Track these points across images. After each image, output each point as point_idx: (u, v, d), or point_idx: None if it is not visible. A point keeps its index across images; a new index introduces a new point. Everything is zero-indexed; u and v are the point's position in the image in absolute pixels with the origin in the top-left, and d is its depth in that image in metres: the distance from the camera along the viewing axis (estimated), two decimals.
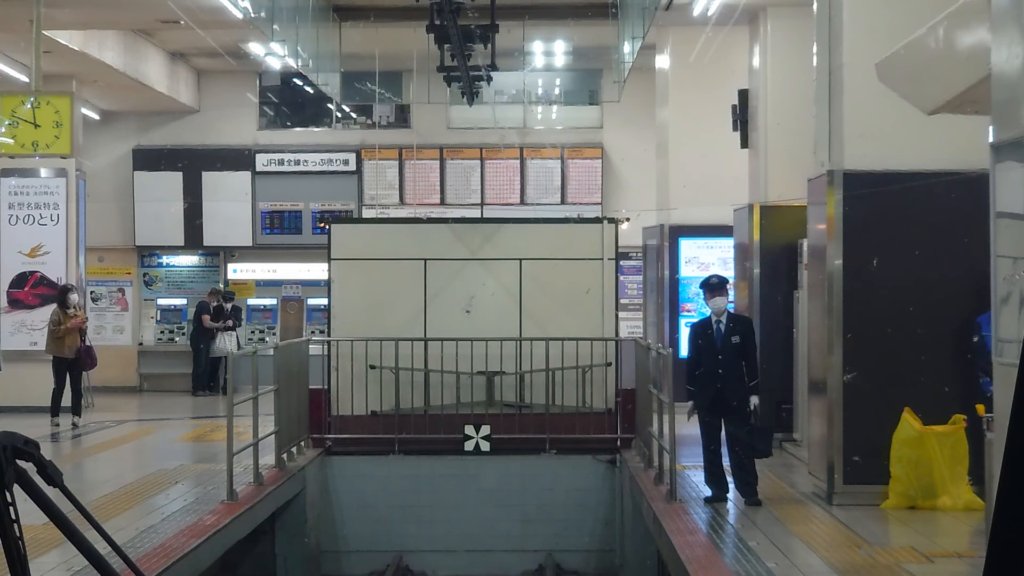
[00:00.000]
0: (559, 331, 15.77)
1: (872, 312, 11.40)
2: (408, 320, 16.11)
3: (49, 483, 2.26)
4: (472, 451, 15.44)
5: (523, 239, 16.40)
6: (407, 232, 16.62)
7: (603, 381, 15.94)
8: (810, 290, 12.38)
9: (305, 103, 26.18)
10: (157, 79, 22.76)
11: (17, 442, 2.18)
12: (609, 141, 24.75)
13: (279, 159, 24.88)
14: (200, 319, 23.75)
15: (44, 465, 2.24)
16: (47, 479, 2.26)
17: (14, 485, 2.20)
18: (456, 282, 16.30)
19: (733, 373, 11.54)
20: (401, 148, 24.58)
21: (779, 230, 15.69)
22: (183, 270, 25.77)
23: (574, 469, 15.58)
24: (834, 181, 11.47)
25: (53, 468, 2.26)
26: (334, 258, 16.27)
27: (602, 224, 16.24)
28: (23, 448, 2.19)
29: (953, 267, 11.23)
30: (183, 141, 25.04)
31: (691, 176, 19.68)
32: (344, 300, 16.28)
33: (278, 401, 14.06)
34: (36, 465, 2.24)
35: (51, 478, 2.26)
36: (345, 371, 15.91)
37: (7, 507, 2.17)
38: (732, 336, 11.59)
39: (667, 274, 20.04)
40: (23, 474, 2.20)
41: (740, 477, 11.61)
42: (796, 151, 15.47)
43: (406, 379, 15.79)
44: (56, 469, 2.27)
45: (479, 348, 15.70)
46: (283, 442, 14.23)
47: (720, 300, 11.66)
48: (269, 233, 25.05)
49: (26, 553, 2.22)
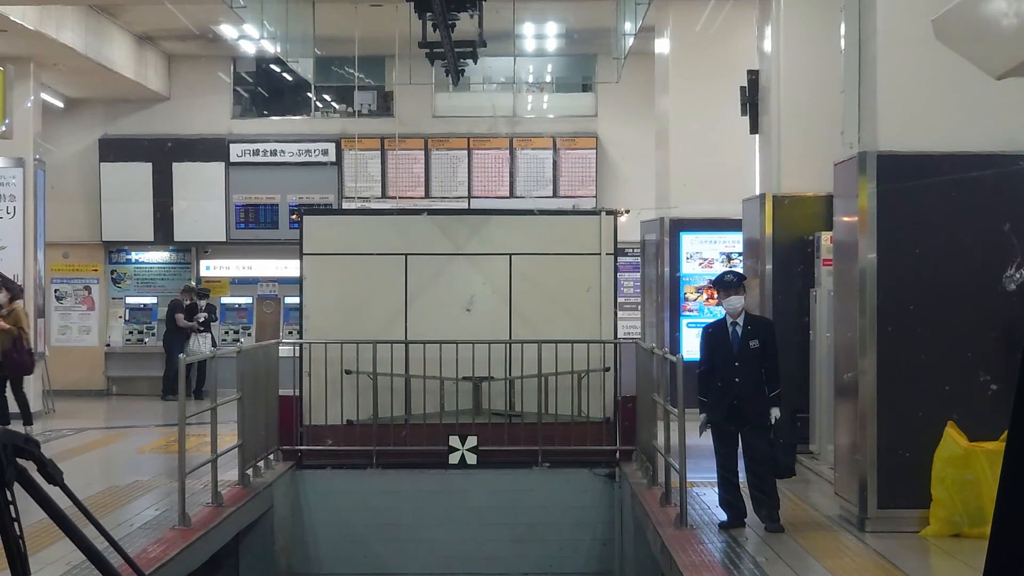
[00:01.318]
0: (553, 333, 14.47)
1: (910, 312, 10.05)
2: (387, 321, 14.79)
3: (50, 481, 2.28)
4: (457, 464, 14.17)
5: (513, 232, 15.05)
6: (387, 225, 15.24)
7: (601, 388, 14.62)
8: (837, 287, 11.02)
9: (282, 90, 24.80)
10: (123, 63, 21.34)
11: (17, 440, 2.21)
12: (604, 130, 23.39)
13: (254, 149, 23.49)
14: (173, 318, 22.35)
15: (44, 463, 2.27)
16: (47, 477, 2.29)
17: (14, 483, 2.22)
18: (440, 279, 14.96)
19: (752, 382, 10.19)
20: (383, 138, 23.18)
21: (794, 222, 14.38)
22: (153, 267, 24.37)
23: (569, 484, 14.32)
24: (866, 165, 10.11)
25: (53, 466, 2.30)
26: (307, 253, 14.94)
27: (600, 216, 14.88)
28: (23, 446, 2.21)
29: (1004, 261, 9.86)
30: (152, 130, 23.64)
31: (693, 167, 18.46)
32: (318, 299, 14.95)
33: (242, 411, 12.74)
34: (36, 463, 2.26)
35: (51, 476, 2.29)
36: (318, 377, 14.59)
37: (7, 505, 2.18)
38: (750, 340, 10.24)
39: (667, 271, 18.74)
40: (23, 472, 2.21)
41: (760, 500, 10.26)
42: (813, 136, 14.20)
43: (385, 385, 14.48)
44: (56, 467, 2.31)
45: (465, 351, 14.39)
46: (248, 456, 12.89)
47: (736, 300, 10.30)
48: (244, 228, 23.67)
49: (26, 551, 2.23)
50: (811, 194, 14.35)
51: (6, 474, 2.19)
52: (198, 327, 22.10)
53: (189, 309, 22.22)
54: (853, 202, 10.36)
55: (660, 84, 19.74)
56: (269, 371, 14.09)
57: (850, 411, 10.54)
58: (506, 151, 23.09)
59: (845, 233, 10.75)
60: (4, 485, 2.19)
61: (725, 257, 18.71)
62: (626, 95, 22.74)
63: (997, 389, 9.82)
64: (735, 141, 18.20)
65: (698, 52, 18.78)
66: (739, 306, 10.29)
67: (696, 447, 11.27)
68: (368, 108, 23.84)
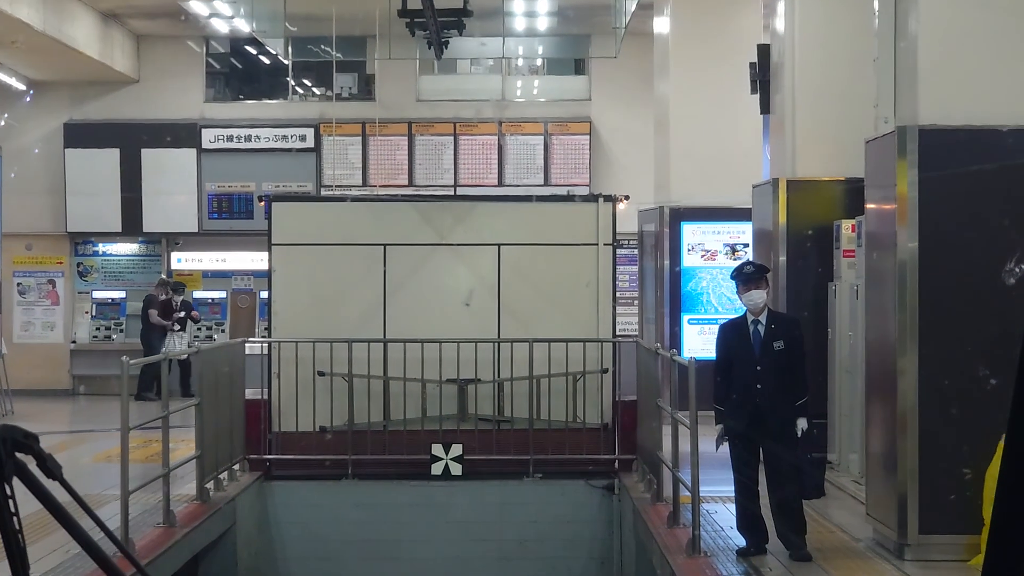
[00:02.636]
0: (545, 331, 13.21)
1: (957, 307, 8.78)
2: (364, 317, 13.52)
3: (49, 476, 2.25)
4: (441, 475, 12.94)
5: (503, 220, 13.75)
6: (364, 213, 13.92)
7: (598, 391, 13.35)
8: (869, 280, 9.74)
9: (257, 73, 23.54)
10: (86, 42, 20.02)
11: (17, 435, 2.19)
12: (598, 115, 22.12)
13: (228, 135, 22.22)
14: (147, 314, 21.01)
15: (43, 458, 2.26)
16: (46, 472, 2.26)
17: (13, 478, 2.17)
18: (422, 272, 13.68)
19: (775, 388, 8.92)
20: (364, 123, 21.90)
21: (810, 210, 13.13)
22: (121, 259, 23.07)
23: (563, 497, 13.09)
24: (906, 141, 8.82)
25: (52, 461, 2.28)
26: (276, 243, 13.65)
27: (597, 203, 13.58)
28: (23, 441, 2.19)
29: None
30: (120, 115, 22.35)
31: (695, 153, 17.28)
32: (288, 293, 13.66)
33: (200, 418, 11.46)
34: (36, 458, 2.23)
35: (51, 471, 2.27)
36: (289, 378, 13.30)
37: (6, 500, 2.16)
38: (774, 341, 8.96)
39: (667, 264, 17.47)
40: (23, 467, 2.18)
41: (784, 523, 8.98)
42: (832, 114, 13.02)
43: (362, 388, 13.21)
44: (55, 462, 2.29)
45: (449, 351, 13.12)
46: (208, 468, 11.61)
47: (758, 295, 9.02)
48: (217, 218, 22.39)
49: (25, 546, 2.23)
50: (829, 178, 13.12)
51: (5, 469, 2.16)
52: (172, 327, 20.79)
53: (164, 305, 20.92)
54: (890, 184, 9.07)
55: (659, 66, 18.51)
56: (233, 373, 12.82)
57: (886, 417, 9.24)
58: (494, 137, 21.85)
59: (880, 220, 9.46)
60: (3, 480, 2.16)
61: (729, 248, 17.48)
62: (622, 77, 21.60)
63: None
64: (741, 125, 17.12)
65: (700, 30, 17.61)
66: (761, 302, 9.01)
67: (705, 453, 10.04)
68: (348, 91, 22.59)
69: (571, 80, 22.91)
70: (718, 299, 17.28)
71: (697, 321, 17.43)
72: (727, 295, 16.62)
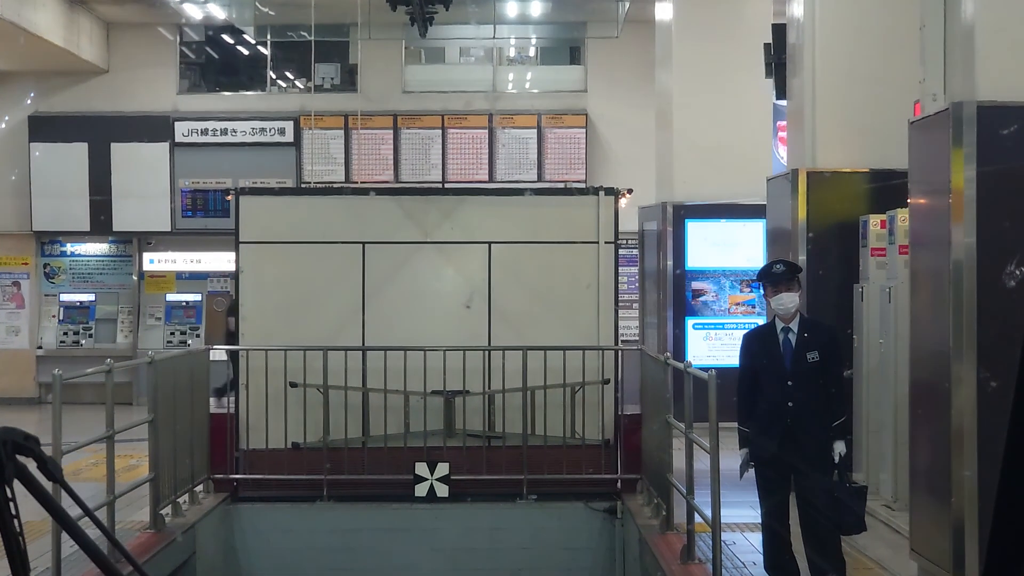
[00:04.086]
0: (540, 337, 12.02)
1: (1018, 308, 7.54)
2: (341, 323, 12.31)
3: (49, 479, 2.24)
4: (425, 497, 11.73)
5: (493, 216, 12.50)
6: (341, 207, 12.65)
7: (598, 404, 12.12)
8: (914, 280, 8.49)
9: (234, 63, 22.29)
10: (50, 29, 18.77)
11: (17, 437, 2.17)
12: (595, 107, 20.89)
13: (202, 128, 21.00)
14: (228, 321, 19.69)
15: (44, 460, 2.22)
16: (47, 474, 2.24)
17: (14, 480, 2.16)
18: (405, 273, 12.45)
19: (809, 407, 7.70)
20: (347, 115, 20.67)
21: (832, 204, 11.90)
22: (90, 260, 21.83)
23: (560, 521, 11.88)
24: (961, 120, 7.60)
25: (53, 463, 2.25)
26: (244, 241, 12.41)
27: (597, 197, 12.34)
28: (23, 443, 2.17)
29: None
30: (89, 107, 21.14)
31: (700, 147, 16.23)
32: (257, 296, 12.42)
33: (155, 436, 10.26)
34: (36, 460, 2.20)
35: (51, 473, 2.25)
36: (258, 390, 12.07)
37: (7, 502, 2.14)
38: (808, 352, 7.74)
39: (670, 265, 16.28)
40: (23, 469, 2.15)
41: (818, 564, 7.74)
42: (857, 98, 11.84)
43: (338, 401, 11.99)
44: (56, 464, 2.26)
45: (435, 360, 11.89)
46: (164, 492, 10.39)
47: (789, 298, 7.80)
48: (191, 216, 21.16)
49: (26, 548, 2.19)
50: (853, 170, 11.91)
51: (6, 471, 2.12)
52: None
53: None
54: (941, 171, 7.84)
55: (661, 54, 17.34)
56: (196, 384, 11.60)
57: (936, 434, 8.00)
58: (485, 130, 20.63)
59: (928, 214, 8.23)
60: (4, 482, 2.12)
61: (729, 248, 16.31)
62: (620, 67, 20.50)
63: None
64: (749, 116, 16.13)
65: (705, 15, 16.53)
66: (792, 306, 7.79)
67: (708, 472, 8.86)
68: (330, 82, 21.36)
69: (566, 70, 21.69)
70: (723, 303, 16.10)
71: (702, 326, 16.24)
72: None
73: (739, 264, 16.16)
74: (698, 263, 16.28)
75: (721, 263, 16.23)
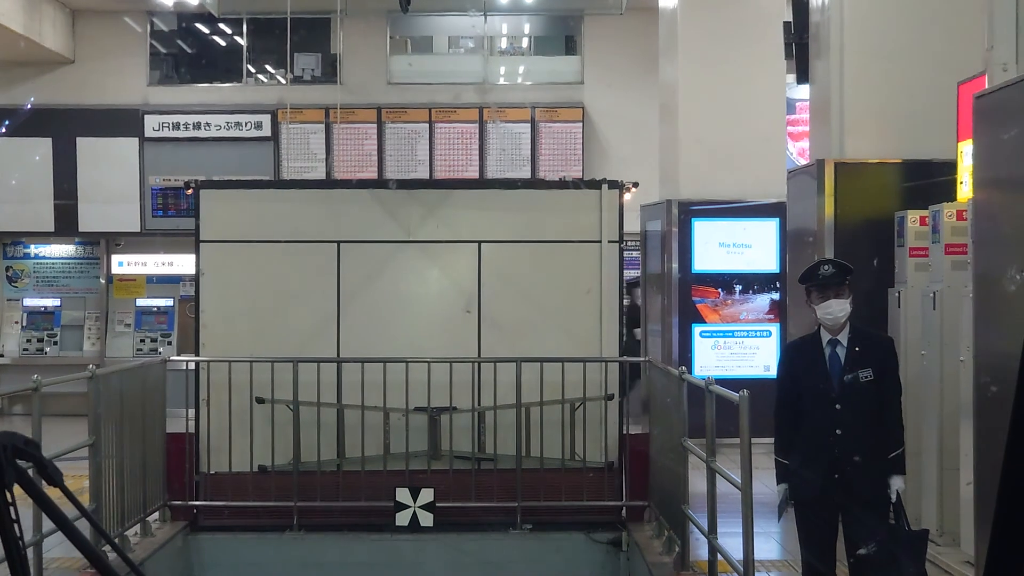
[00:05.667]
0: (536, 348, 10.80)
1: None
2: (313, 332, 11.06)
3: (50, 483, 2.20)
4: (407, 527, 10.48)
5: (484, 212, 11.22)
6: (314, 202, 11.35)
7: (601, 422, 10.87)
8: (979, 285, 7.24)
9: (208, 53, 21.02)
10: (9, 14, 17.51)
11: (18, 442, 2.13)
12: (592, 100, 19.65)
13: (174, 122, 19.75)
14: None
15: (45, 465, 2.18)
16: (48, 479, 2.20)
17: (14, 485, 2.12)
18: (385, 276, 11.18)
19: (861, 435, 6.44)
20: (328, 109, 19.41)
21: (864, 198, 10.67)
22: (56, 262, 20.58)
23: (558, 554, 10.65)
24: None
25: (54, 468, 2.21)
26: (205, 240, 11.18)
27: (600, 190, 11.07)
28: (24, 448, 2.13)
29: None
30: (53, 99, 19.89)
31: (708, 141, 15.03)
32: (219, 302, 11.21)
33: (95, 462, 9.01)
34: (36, 465, 2.17)
35: (52, 478, 2.20)
36: (220, 407, 10.82)
37: (7, 507, 2.10)
38: (860, 369, 6.48)
39: (675, 267, 15.03)
40: (23, 474, 2.12)
41: None
42: (892, 79, 10.60)
43: (310, 419, 10.75)
44: (56, 469, 2.22)
45: (418, 373, 10.65)
46: (108, 526, 9.08)
47: (839, 306, 6.54)
48: (162, 216, 19.89)
49: (27, 553, 2.14)
50: (883, 160, 10.69)
51: (6, 476, 2.07)
52: None
53: None
54: (1016, 154, 6.59)
55: (665, 43, 16.12)
56: (149, 401, 10.33)
57: None
58: (475, 125, 19.38)
59: (998, 206, 6.97)
60: (4, 487, 2.08)
61: (736, 250, 15.08)
62: (619, 58, 19.36)
63: None
64: (761, 109, 14.98)
65: (713, 1, 15.25)
66: (843, 315, 6.53)
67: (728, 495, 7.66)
68: (310, 74, 20.10)
69: (561, 61, 20.42)
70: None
71: (710, 334, 14.99)
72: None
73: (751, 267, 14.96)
74: (706, 266, 15.02)
75: (731, 266, 14.99)
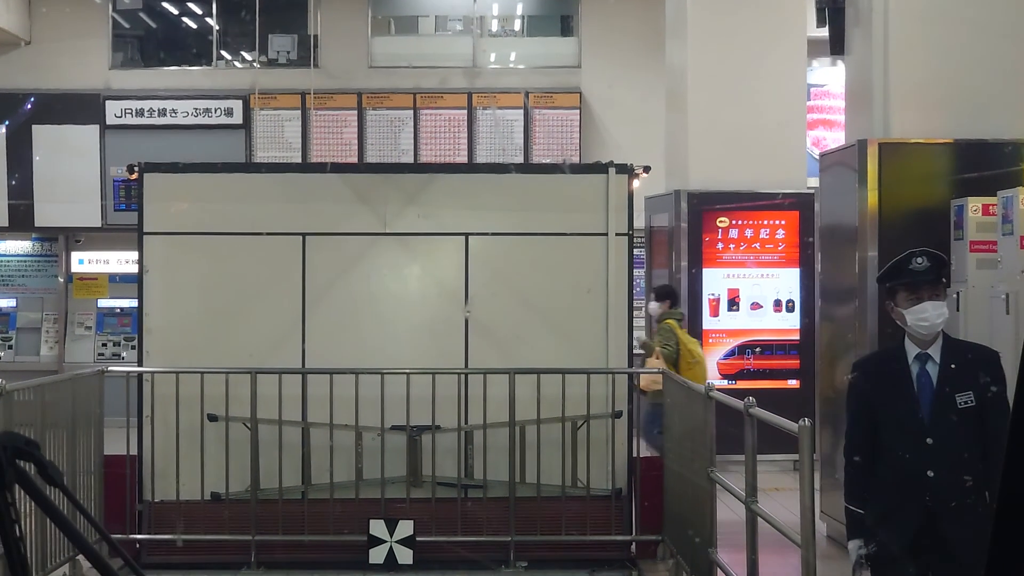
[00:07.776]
0: (533, 357, 9.41)
1: None
2: (275, 339, 9.66)
3: (50, 483, 2.16)
4: (383, 564, 9.18)
5: (473, 200, 9.77)
6: (275, 188, 9.90)
7: (607, 443, 9.44)
8: None
9: (175, 34, 19.66)
10: None
11: (18, 442, 2.10)
12: (590, 84, 18.28)
13: (138, 108, 18.44)
14: None
15: (45, 465, 2.15)
16: (48, 479, 2.15)
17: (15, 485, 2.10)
18: (356, 274, 9.73)
19: (958, 474, 5.01)
20: (304, 94, 18.07)
21: (912, 185, 9.28)
22: (12, 260, 19.28)
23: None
24: None
25: (54, 468, 2.18)
26: (149, 232, 9.70)
27: (607, 175, 9.63)
28: (24, 448, 2.10)
29: None
30: (8, 83, 18.62)
31: (720, 128, 13.82)
32: (166, 303, 9.73)
33: None
34: (37, 465, 2.14)
35: (52, 478, 2.16)
36: (167, 425, 9.39)
37: (7, 507, 2.06)
38: (957, 392, 5.04)
39: (684, 265, 13.67)
40: (24, 474, 2.09)
41: None
42: (942, 49, 9.18)
43: (270, 439, 9.34)
44: (56, 469, 2.18)
45: (395, 387, 9.24)
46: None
47: (935, 309, 5.10)
48: (125, 210, 18.44)
49: (27, 553, 2.10)
50: (931, 140, 9.28)
51: (6, 476, 2.02)
52: None
53: None
54: None
55: (673, 24, 14.76)
56: (81, 418, 8.89)
57: None
58: (463, 111, 18.04)
59: None
60: (4, 487, 2.03)
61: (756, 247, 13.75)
62: (619, 39, 18.07)
63: None
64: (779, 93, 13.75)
65: None
66: (940, 321, 5.09)
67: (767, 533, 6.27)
68: (286, 56, 18.75)
69: (557, 43, 19.04)
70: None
71: None
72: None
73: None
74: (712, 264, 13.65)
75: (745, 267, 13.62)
